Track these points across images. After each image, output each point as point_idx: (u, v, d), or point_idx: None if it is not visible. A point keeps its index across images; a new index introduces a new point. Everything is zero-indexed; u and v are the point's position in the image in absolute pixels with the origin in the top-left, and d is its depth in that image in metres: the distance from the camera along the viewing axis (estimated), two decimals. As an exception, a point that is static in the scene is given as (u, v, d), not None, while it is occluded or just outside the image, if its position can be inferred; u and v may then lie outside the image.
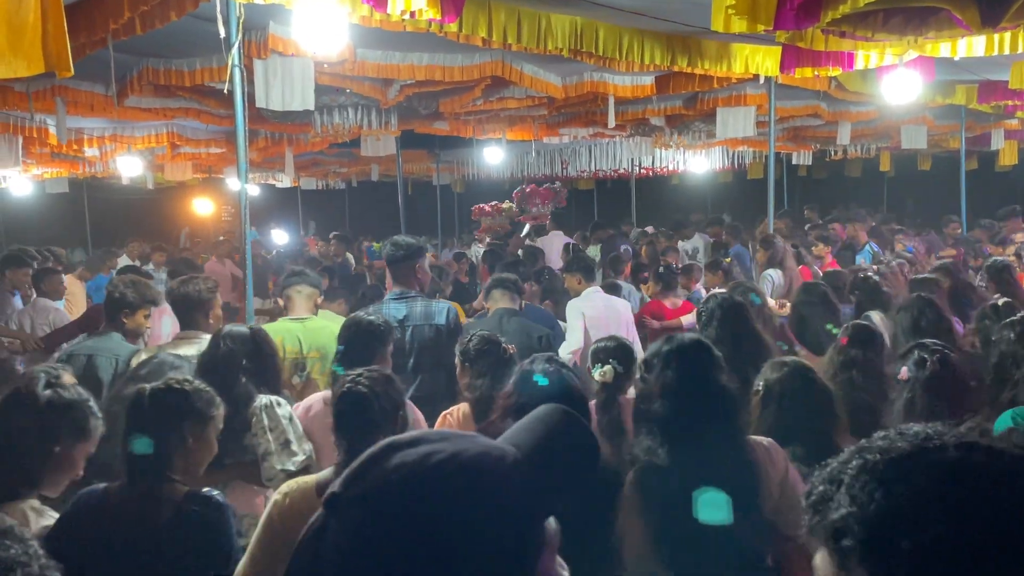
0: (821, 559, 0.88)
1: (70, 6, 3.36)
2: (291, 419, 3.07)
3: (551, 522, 0.95)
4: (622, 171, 14.82)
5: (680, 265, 7.76)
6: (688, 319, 5.71)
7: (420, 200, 17.51)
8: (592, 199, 20.62)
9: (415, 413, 3.15)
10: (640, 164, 14.18)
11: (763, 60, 6.12)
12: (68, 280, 7.57)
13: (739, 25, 3.98)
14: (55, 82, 6.05)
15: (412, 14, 4.08)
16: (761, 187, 11.59)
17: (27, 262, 6.75)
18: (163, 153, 10.45)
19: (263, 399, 3.05)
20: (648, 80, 7.23)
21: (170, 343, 3.81)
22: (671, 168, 15.15)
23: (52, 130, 7.68)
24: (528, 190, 15.05)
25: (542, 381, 2.55)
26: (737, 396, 2.49)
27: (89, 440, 2.30)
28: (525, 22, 5.00)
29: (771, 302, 5.88)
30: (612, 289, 6.22)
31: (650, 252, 9.72)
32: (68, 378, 2.40)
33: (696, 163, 14.34)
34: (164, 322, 5.50)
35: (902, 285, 5.71)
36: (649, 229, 13.03)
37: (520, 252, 9.05)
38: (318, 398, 3.33)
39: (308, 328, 4.14)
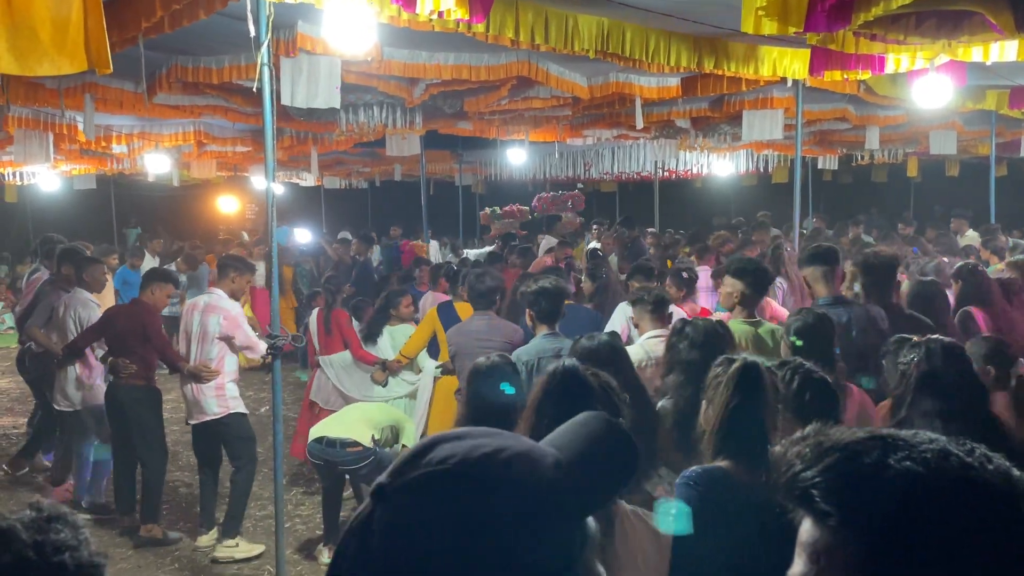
0: (805, 528, 0.92)
1: (104, 4, 3.39)
2: None
3: (592, 523, 0.95)
4: (645, 174, 14.77)
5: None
6: None
7: (442, 200, 17.54)
8: (615, 202, 20.58)
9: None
10: (664, 167, 14.12)
11: (791, 63, 6.06)
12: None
13: (769, 27, 3.94)
14: (86, 79, 6.12)
15: (440, 14, 4.08)
16: (785, 191, 11.49)
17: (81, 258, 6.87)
18: (190, 151, 10.55)
19: None
20: (674, 81, 7.19)
21: (650, 342, 4.20)
22: (695, 171, 15.06)
23: (82, 127, 7.78)
24: (549, 197, 15.06)
25: None
26: None
27: None
28: (552, 23, 4.99)
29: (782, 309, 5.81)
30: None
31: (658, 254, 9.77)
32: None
33: (720, 166, 14.25)
34: (211, 321, 5.48)
35: None
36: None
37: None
38: None
39: (764, 331, 4.24)
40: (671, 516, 2.21)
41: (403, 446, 5.46)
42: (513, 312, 5.85)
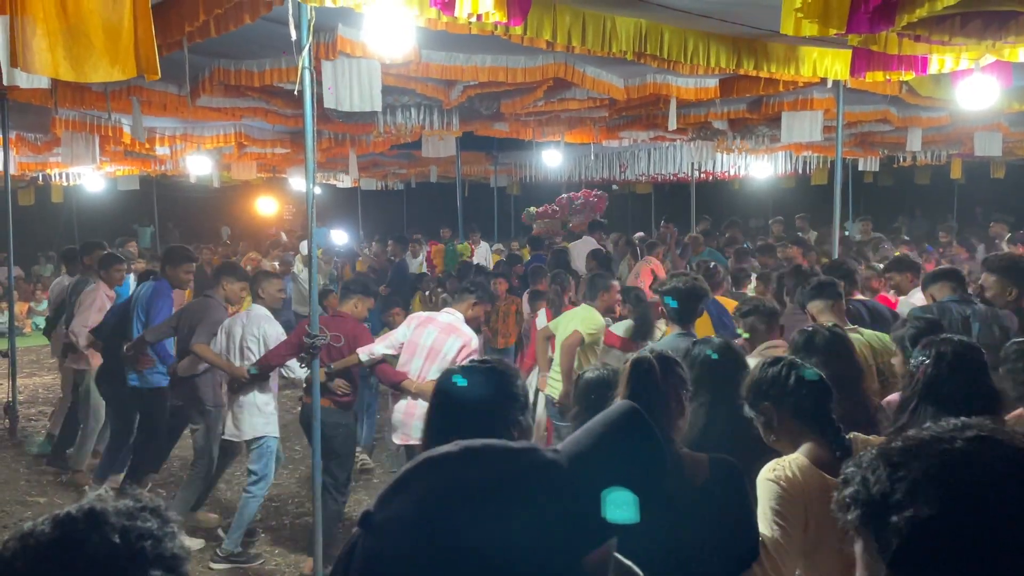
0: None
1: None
2: None
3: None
4: (681, 175, 14.67)
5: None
6: None
7: (477, 202, 17.62)
8: (650, 203, 20.48)
9: None
10: (701, 168, 14.01)
11: (832, 63, 5.99)
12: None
13: (810, 29, 3.90)
14: (131, 82, 6.26)
15: (479, 17, 4.10)
16: (824, 193, 11.35)
17: (245, 274, 6.13)
18: (230, 152, 10.73)
19: None
20: (712, 82, 7.15)
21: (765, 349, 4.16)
22: (732, 173, 14.92)
23: (127, 129, 7.96)
24: (565, 199, 15.05)
25: None
26: None
27: None
28: (590, 25, 5.00)
29: None
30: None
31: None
32: None
33: (758, 168, 14.11)
34: (450, 342, 5.16)
35: None
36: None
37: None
38: None
39: (869, 336, 4.22)
40: (619, 504, 2.21)
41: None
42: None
